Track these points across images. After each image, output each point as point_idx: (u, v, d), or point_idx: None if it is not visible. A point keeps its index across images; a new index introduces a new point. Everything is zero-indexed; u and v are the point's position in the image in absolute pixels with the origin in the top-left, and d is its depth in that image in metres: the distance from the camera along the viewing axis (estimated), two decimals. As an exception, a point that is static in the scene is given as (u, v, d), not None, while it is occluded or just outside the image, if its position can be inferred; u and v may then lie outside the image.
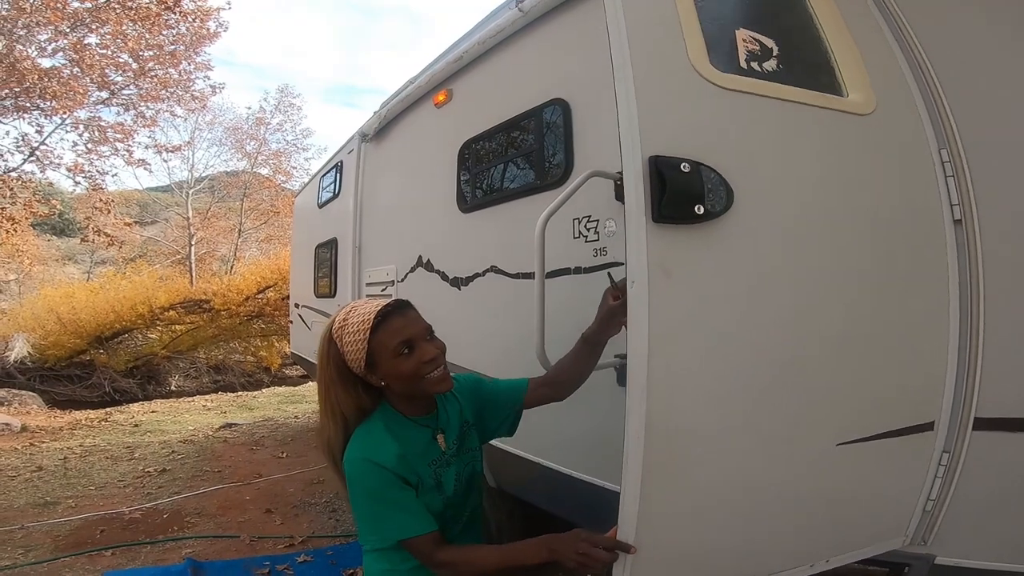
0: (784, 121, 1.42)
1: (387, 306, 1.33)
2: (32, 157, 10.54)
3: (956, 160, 1.44)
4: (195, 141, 20.75)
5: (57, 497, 4.51)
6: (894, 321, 1.49)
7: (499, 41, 2.79)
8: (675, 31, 1.35)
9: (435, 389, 1.34)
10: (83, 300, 13.52)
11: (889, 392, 1.49)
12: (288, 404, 9.44)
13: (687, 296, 1.27)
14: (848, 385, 1.44)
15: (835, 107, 1.47)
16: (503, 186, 2.86)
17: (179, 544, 3.61)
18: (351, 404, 1.35)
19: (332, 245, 5.26)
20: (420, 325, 1.35)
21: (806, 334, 1.39)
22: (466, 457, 1.46)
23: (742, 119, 1.37)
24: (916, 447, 1.49)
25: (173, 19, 11.44)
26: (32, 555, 3.39)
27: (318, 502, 4.45)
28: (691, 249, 1.27)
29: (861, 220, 1.47)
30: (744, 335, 1.33)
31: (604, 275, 2.21)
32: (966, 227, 1.43)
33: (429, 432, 1.40)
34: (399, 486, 1.28)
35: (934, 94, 1.48)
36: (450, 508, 1.39)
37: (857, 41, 1.55)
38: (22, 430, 7.30)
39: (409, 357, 1.29)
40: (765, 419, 1.36)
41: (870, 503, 1.52)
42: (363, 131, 4.47)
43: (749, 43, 1.47)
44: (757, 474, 1.37)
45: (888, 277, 1.49)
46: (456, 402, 1.51)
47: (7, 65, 9.40)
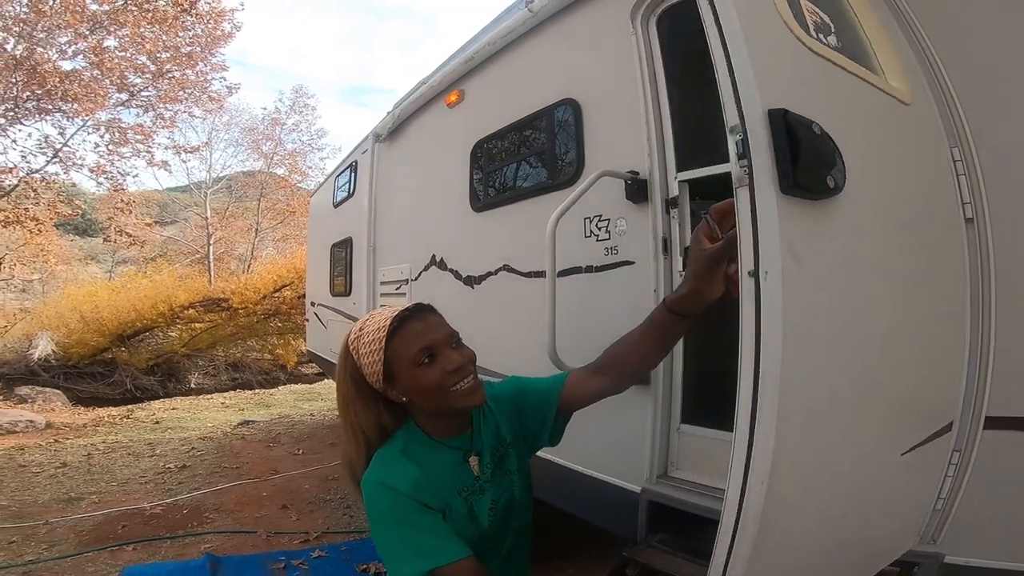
0: (859, 96, 1.30)
1: (405, 310, 1.18)
2: (55, 158, 10.74)
3: (968, 159, 1.41)
4: (212, 142, 21.08)
5: (81, 493, 4.61)
6: (933, 319, 1.45)
7: (509, 41, 2.80)
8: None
9: (463, 403, 1.16)
10: (105, 299, 13.77)
11: (934, 393, 1.45)
12: (304, 401, 9.54)
13: (813, 288, 1.07)
14: (910, 389, 1.36)
15: (891, 92, 1.39)
16: (515, 185, 2.87)
17: (198, 539, 3.68)
18: (371, 423, 1.21)
19: (347, 244, 5.30)
20: (443, 330, 1.18)
21: (890, 332, 1.28)
22: (503, 482, 1.26)
23: (835, 88, 1.24)
24: (939, 449, 1.47)
25: (189, 21, 11.59)
26: (56, 550, 3.46)
27: (333, 498, 4.51)
28: (818, 230, 1.08)
29: (911, 213, 1.39)
30: (855, 331, 1.18)
31: (616, 273, 2.21)
32: (977, 225, 1.41)
33: (459, 454, 1.22)
34: (420, 510, 1.11)
35: (945, 93, 1.46)
36: (484, 541, 1.20)
37: (884, 30, 1.52)
38: (47, 427, 7.45)
39: (431, 367, 1.14)
40: (864, 430, 1.24)
41: (902, 507, 1.49)
42: (377, 131, 4.50)
43: (813, 14, 1.34)
44: (851, 491, 1.26)
45: (927, 273, 1.44)
46: (492, 417, 1.31)
47: (28, 68, 9.58)
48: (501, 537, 1.26)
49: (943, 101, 1.46)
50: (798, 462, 1.06)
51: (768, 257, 0.98)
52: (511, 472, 1.28)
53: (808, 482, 1.12)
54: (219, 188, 22.23)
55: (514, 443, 1.30)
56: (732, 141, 1.05)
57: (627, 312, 2.16)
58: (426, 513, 1.11)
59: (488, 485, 1.23)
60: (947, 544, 1.46)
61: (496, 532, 1.23)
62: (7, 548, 3.49)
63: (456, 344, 1.19)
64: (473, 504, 1.19)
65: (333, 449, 6.05)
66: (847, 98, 1.27)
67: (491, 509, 1.21)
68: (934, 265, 1.45)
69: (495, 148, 3.01)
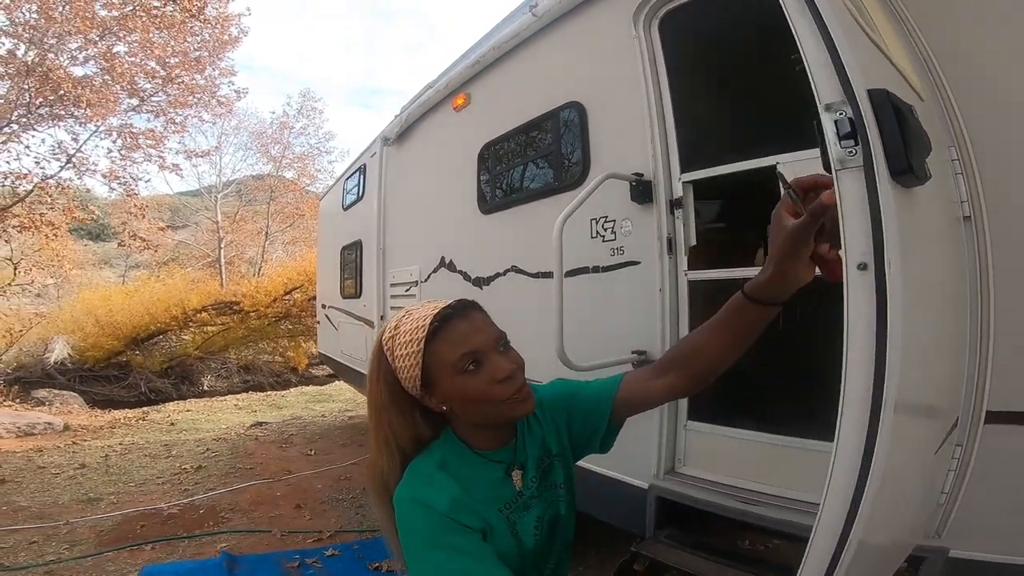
0: (902, 89, 1.23)
1: (447, 308, 1.03)
2: (69, 164, 10.88)
3: (964, 158, 1.43)
4: (222, 146, 21.26)
5: (100, 493, 4.69)
6: (951, 316, 1.44)
7: (514, 45, 2.85)
8: None
9: (512, 414, 1.03)
10: (119, 303, 13.96)
11: (951, 390, 1.45)
12: (315, 403, 9.62)
13: (915, 286, 0.97)
14: (940, 385, 1.32)
15: (919, 91, 1.38)
16: (522, 187, 2.91)
17: (215, 539, 3.74)
18: (407, 433, 1.07)
19: (357, 247, 5.36)
20: (490, 332, 1.04)
21: (941, 324, 1.25)
22: (549, 496, 1.13)
23: (893, 78, 1.18)
24: (949, 445, 1.50)
25: (197, 26, 11.71)
26: (77, 550, 3.53)
27: (345, 498, 4.56)
28: (917, 222, 1.00)
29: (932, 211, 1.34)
30: (931, 329, 1.13)
31: (622, 273, 2.24)
32: (975, 224, 1.43)
33: (501, 469, 1.09)
34: (458, 530, 0.98)
35: (941, 93, 1.48)
36: (528, 560, 1.09)
37: (893, 30, 1.55)
38: (65, 429, 7.57)
39: (476, 374, 1.00)
40: (919, 429, 1.19)
41: (920, 502, 1.49)
42: (385, 135, 4.55)
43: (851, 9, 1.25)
44: (902, 490, 1.19)
45: (950, 271, 1.44)
46: (537, 426, 1.17)
47: (41, 74, 9.72)
48: (546, 556, 1.15)
49: (939, 101, 1.49)
50: (892, 475, 0.99)
51: (891, 247, 0.89)
52: (557, 485, 1.15)
53: (893, 493, 1.08)
54: (229, 192, 22.41)
55: (560, 454, 1.17)
56: (829, 120, 0.97)
57: (633, 311, 2.20)
58: (464, 534, 0.98)
59: (533, 501, 1.11)
60: (951, 538, 1.48)
61: (541, 551, 1.11)
62: (28, 548, 3.56)
63: (504, 347, 1.04)
64: (516, 522, 1.07)
65: (345, 450, 6.12)
66: (901, 90, 1.20)
67: (536, 527, 1.09)
68: (947, 262, 1.45)
69: (502, 151, 3.05)
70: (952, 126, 1.46)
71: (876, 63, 1.08)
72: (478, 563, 0.96)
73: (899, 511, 1.24)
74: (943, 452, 1.42)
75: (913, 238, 0.99)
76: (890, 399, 0.92)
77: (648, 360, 2.10)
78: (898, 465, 1.02)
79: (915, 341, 0.97)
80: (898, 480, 1.08)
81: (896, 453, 0.97)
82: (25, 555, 3.46)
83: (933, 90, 1.49)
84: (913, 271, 0.96)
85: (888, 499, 1.06)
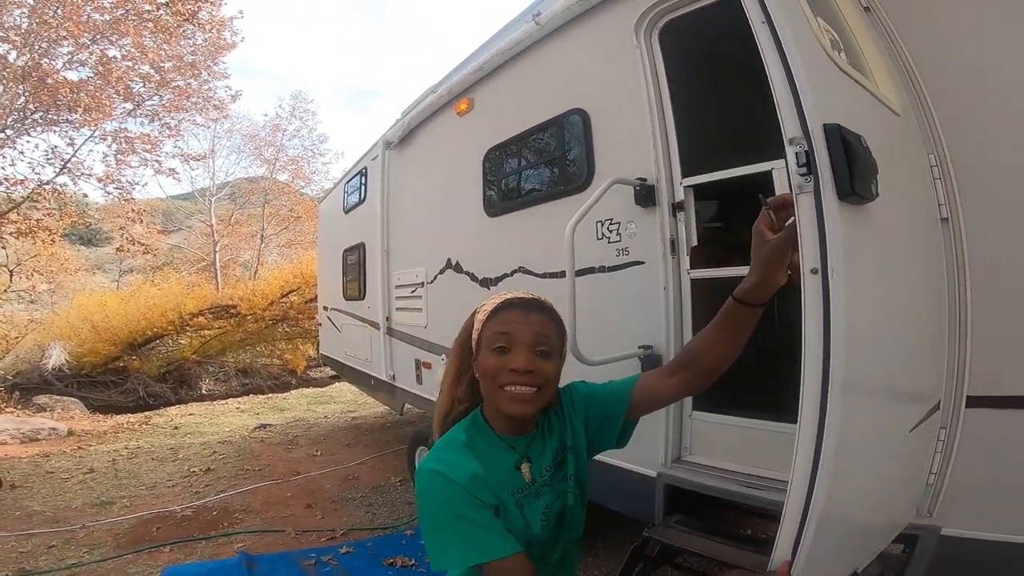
0: (873, 110, 1.42)
1: (518, 297, 1.20)
2: (64, 170, 10.87)
3: (942, 164, 1.55)
4: (215, 149, 21.19)
5: (111, 497, 4.75)
6: (928, 308, 1.60)
7: (517, 52, 2.93)
8: (799, 9, 1.31)
9: (504, 406, 1.14)
10: (115, 308, 13.92)
11: (929, 375, 1.59)
12: (317, 404, 9.67)
13: (861, 284, 1.15)
14: (914, 370, 1.49)
15: (888, 104, 1.51)
16: (528, 191, 3.00)
17: (230, 539, 3.82)
18: (450, 383, 1.25)
19: (359, 249, 5.42)
20: (532, 329, 1.14)
21: (903, 320, 1.41)
22: (559, 487, 1.23)
23: (859, 104, 1.36)
24: (932, 426, 1.61)
25: (190, 30, 11.70)
26: (97, 553, 3.60)
27: (354, 497, 4.66)
28: (864, 232, 1.17)
29: (908, 215, 1.54)
30: (885, 322, 1.29)
31: (627, 273, 2.34)
32: (952, 225, 1.55)
33: (514, 457, 1.19)
34: (474, 504, 1.08)
35: (921, 100, 1.59)
36: (536, 547, 1.17)
37: (875, 46, 1.66)
38: (69, 434, 7.60)
39: (497, 356, 1.13)
40: (886, 411, 1.35)
41: (906, 483, 1.61)
42: (387, 139, 4.62)
43: (827, 32, 1.44)
44: (873, 468, 1.35)
45: (923, 267, 1.59)
46: (561, 421, 1.28)
47: (36, 79, 9.70)
48: (553, 544, 1.23)
49: (920, 110, 1.60)
50: (851, 450, 1.16)
51: (834, 256, 1.09)
52: (568, 478, 1.24)
53: (855, 467, 1.21)
54: (223, 195, 22.36)
55: (574, 448, 1.26)
56: (791, 152, 1.14)
57: (639, 308, 2.30)
58: (480, 508, 1.08)
59: (544, 489, 1.20)
60: (943, 517, 1.59)
61: (548, 539, 1.20)
62: (48, 552, 3.62)
63: (540, 352, 1.14)
64: (525, 507, 1.16)
65: (350, 450, 6.20)
66: (866, 112, 1.40)
67: (544, 514, 1.18)
68: (923, 261, 1.59)
69: (507, 155, 3.14)
70: (932, 135, 1.57)
71: (837, 93, 1.26)
72: (488, 534, 1.07)
73: (875, 487, 1.37)
74: (923, 432, 1.53)
75: (864, 245, 1.17)
76: (837, 379, 1.09)
77: (654, 354, 2.21)
78: (858, 440, 1.18)
79: (861, 331, 1.14)
80: (862, 454, 1.23)
81: (850, 428, 1.12)
82: (45, 559, 3.53)
83: (915, 102, 1.60)
84: (863, 273, 1.15)
85: (854, 472, 1.20)
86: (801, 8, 1.29)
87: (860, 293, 1.15)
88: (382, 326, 4.79)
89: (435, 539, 1.09)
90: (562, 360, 1.23)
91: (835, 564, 1.29)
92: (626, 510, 2.44)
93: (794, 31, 1.21)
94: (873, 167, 1.15)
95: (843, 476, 1.15)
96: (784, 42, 1.20)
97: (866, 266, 1.19)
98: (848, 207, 1.13)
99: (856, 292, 1.12)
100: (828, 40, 1.38)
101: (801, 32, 1.24)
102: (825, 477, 1.10)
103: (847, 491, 1.19)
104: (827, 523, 1.13)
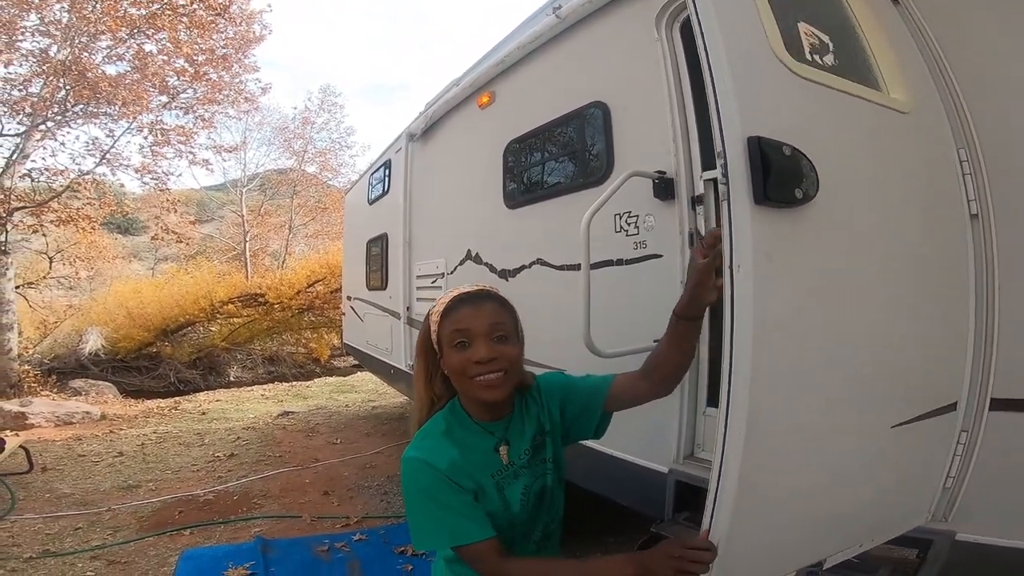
0: (847, 112, 1.46)
1: (465, 293, 1.27)
2: (103, 160, 11.17)
3: (973, 158, 1.48)
4: (247, 141, 21.57)
5: (138, 480, 4.89)
6: (929, 307, 1.55)
7: (538, 46, 2.91)
8: (755, 19, 1.35)
9: (477, 395, 1.22)
10: (149, 295, 14.30)
11: (929, 374, 1.55)
12: (339, 393, 9.80)
13: (786, 281, 1.25)
14: (900, 367, 1.49)
15: (886, 104, 1.51)
16: (547, 183, 2.98)
17: (248, 524, 3.91)
18: (422, 386, 1.32)
19: (383, 240, 5.46)
20: (485, 320, 1.22)
21: (873, 317, 1.43)
22: (538, 469, 1.31)
23: (818, 108, 1.41)
24: (943, 427, 1.55)
25: (222, 24, 11.89)
26: (120, 535, 3.70)
27: (371, 485, 4.72)
28: (790, 233, 1.26)
29: (906, 212, 1.53)
30: (832, 320, 1.35)
31: (645, 266, 2.31)
32: (982, 221, 1.48)
33: (492, 441, 1.28)
34: (453, 489, 1.18)
35: (952, 94, 1.52)
36: (517, 527, 1.27)
37: (890, 42, 1.60)
38: (101, 418, 7.82)
39: (461, 351, 1.21)
40: (841, 404, 1.39)
41: (906, 483, 1.58)
42: (410, 131, 4.64)
43: (810, 36, 1.50)
44: (832, 459, 1.38)
45: (925, 265, 1.55)
46: (536, 406, 1.37)
47: (76, 73, 9.97)
48: (532, 523, 1.31)
49: (950, 104, 1.53)
50: (771, 428, 1.23)
51: (740, 254, 1.17)
52: (546, 460, 1.33)
53: (784, 447, 1.28)
54: (253, 186, 22.76)
55: (552, 432, 1.35)
56: (719, 163, 1.21)
57: (656, 302, 2.26)
58: (459, 493, 1.18)
59: (523, 471, 1.29)
60: (958, 522, 1.54)
61: (528, 518, 1.29)
62: (74, 534, 3.73)
63: (497, 339, 1.22)
64: (505, 487, 1.25)
65: (369, 439, 6.28)
66: (834, 115, 1.43)
67: (523, 494, 1.27)
68: (933, 259, 1.54)
69: (527, 148, 3.12)
70: (963, 128, 1.51)
71: (781, 100, 1.32)
72: (463, 519, 1.17)
73: (836, 479, 1.39)
74: (921, 432, 1.49)
75: (792, 246, 1.26)
76: (741, 370, 1.17)
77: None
78: (786, 428, 1.27)
79: (784, 324, 1.23)
80: (800, 444, 1.31)
81: (769, 415, 1.20)
82: (71, 541, 3.63)
83: (943, 92, 1.53)
84: (789, 270, 1.25)
85: (791, 459, 1.29)
86: (750, 16, 1.33)
87: (783, 289, 1.23)
88: (403, 316, 4.83)
89: (416, 522, 1.21)
90: (520, 341, 1.31)
91: (781, 546, 1.36)
92: (636, 505, 2.41)
93: (727, 41, 1.24)
94: (796, 175, 1.23)
95: (768, 460, 1.23)
96: (711, 50, 1.23)
97: (796, 264, 1.28)
98: (769, 211, 1.20)
99: (777, 288, 1.21)
100: (808, 44, 1.45)
101: (739, 43, 1.28)
102: (734, 459, 1.17)
103: (784, 477, 1.28)
104: (754, 504, 1.20)
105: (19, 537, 3.67)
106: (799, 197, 1.23)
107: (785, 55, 1.35)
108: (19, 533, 3.74)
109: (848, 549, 1.45)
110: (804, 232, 1.28)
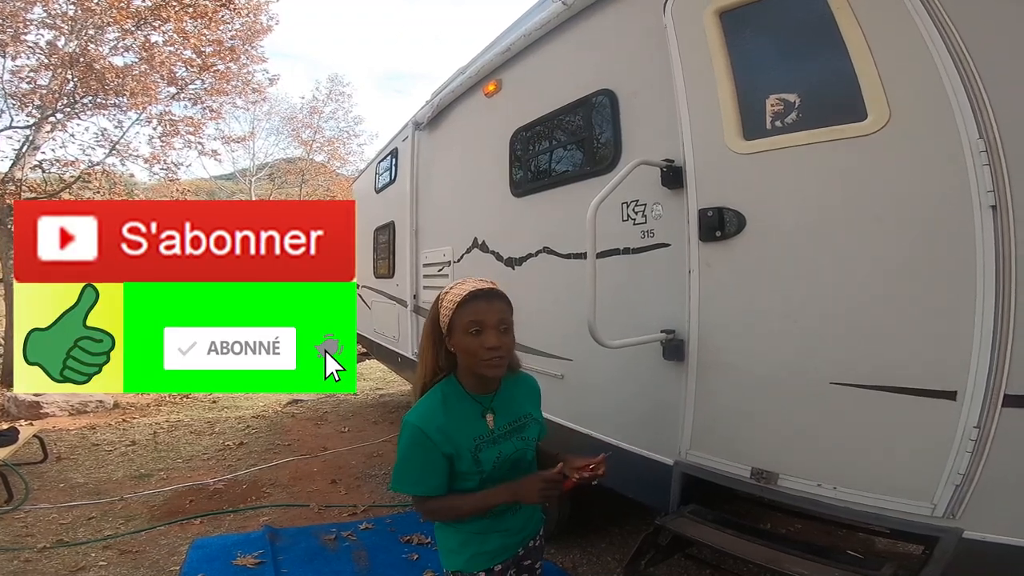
0: (797, 160, 1.84)
1: (480, 290, 1.48)
2: (113, 151, 11.20)
3: (992, 149, 1.43)
4: (255, 131, 21.59)
5: (150, 470, 4.92)
6: (905, 296, 1.65)
7: (545, 33, 2.87)
8: (717, 117, 2.00)
9: (483, 371, 1.46)
10: (161, 284, 14.35)
11: (897, 352, 1.66)
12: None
13: (718, 279, 1.98)
14: (839, 335, 1.78)
15: (846, 135, 1.74)
16: (554, 172, 2.95)
17: (257, 512, 3.93)
18: (430, 358, 1.54)
19: (389, 228, 5.46)
20: (496, 315, 1.46)
21: (801, 305, 1.85)
22: (519, 444, 1.55)
23: (760, 171, 1.92)
24: (935, 412, 1.56)
25: (228, 15, 11.84)
26: (131, 524, 3.73)
27: (378, 474, 4.73)
28: (718, 254, 1.99)
29: (875, 218, 1.70)
30: (755, 304, 1.94)
31: (652, 255, 2.28)
32: (1000, 213, 1.43)
33: (480, 408, 1.52)
34: (430, 448, 1.42)
35: (973, 84, 1.47)
36: (489, 483, 1.48)
37: (881, 55, 1.67)
38: (114, 407, 7.88)
39: (475, 337, 1.44)
40: (769, 358, 1.89)
41: (882, 450, 1.69)
42: (417, 120, 4.61)
43: (775, 105, 1.90)
44: (767, 399, 1.90)
45: (901, 263, 1.65)
46: (519, 393, 1.63)
47: (84, 65, 9.98)
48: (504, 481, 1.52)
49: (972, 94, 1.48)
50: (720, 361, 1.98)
51: (692, 263, 2.02)
52: (530, 439, 1.58)
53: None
54: (262, 175, 22.80)
55: (538, 420, 1.63)
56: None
57: (663, 292, 2.24)
58: (434, 453, 1.43)
59: (502, 439, 1.52)
60: (967, 519, 1.51)
61: (499, 478, 1.49)
62: (87, 524, 3.76)
63: (503, 329, 1.47)
64: (482, 450, 1.47)
65: (377, 427, 6.30)
66: (779, 169, 1.89)
67: (496, 458, 1.49)
68: (916, 256, 1.63)
69: (534, 136, 3.09)
70: (982, 117, 1.46)
71: (725, 181, 2.03)
72: (431, 475, 1.44)
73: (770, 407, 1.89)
74: (905, 406, 1.61)
75: (720, 261, 2.04)
76: (694, 320, 2.08)
77: (676, 339, 2.15)
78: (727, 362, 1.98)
79: (710, 299, 2.07)
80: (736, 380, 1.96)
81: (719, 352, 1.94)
82: (84, 531, 3.66)
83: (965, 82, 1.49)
84: (721, 275, 2.04)
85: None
86: (714, 115, 2.02)
87: (715, 280, 2.03)
88: (409, 304, 4.82)
89: (397, 468, 1.47)
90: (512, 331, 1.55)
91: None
92: (641, 497, 2.41)
93: (694, 142, 2.10)
94: (721, 224, 1.99)
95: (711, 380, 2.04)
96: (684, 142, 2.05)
97: (728, 271, 2.01)
98: (706, 243, 2.04)
99: (713, 280, 2.04)
100: (772, 112, 1.90)
101: (701, 140, 2.07)
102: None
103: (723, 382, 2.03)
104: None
105: (33, 527, 3.71)
106: (718, 236, 1.99)
107: (735, 142, 1.97)
108: (33, 523, 3.77)
109: (808, 481, 1.81)
110: (729, 252, 1.98)
